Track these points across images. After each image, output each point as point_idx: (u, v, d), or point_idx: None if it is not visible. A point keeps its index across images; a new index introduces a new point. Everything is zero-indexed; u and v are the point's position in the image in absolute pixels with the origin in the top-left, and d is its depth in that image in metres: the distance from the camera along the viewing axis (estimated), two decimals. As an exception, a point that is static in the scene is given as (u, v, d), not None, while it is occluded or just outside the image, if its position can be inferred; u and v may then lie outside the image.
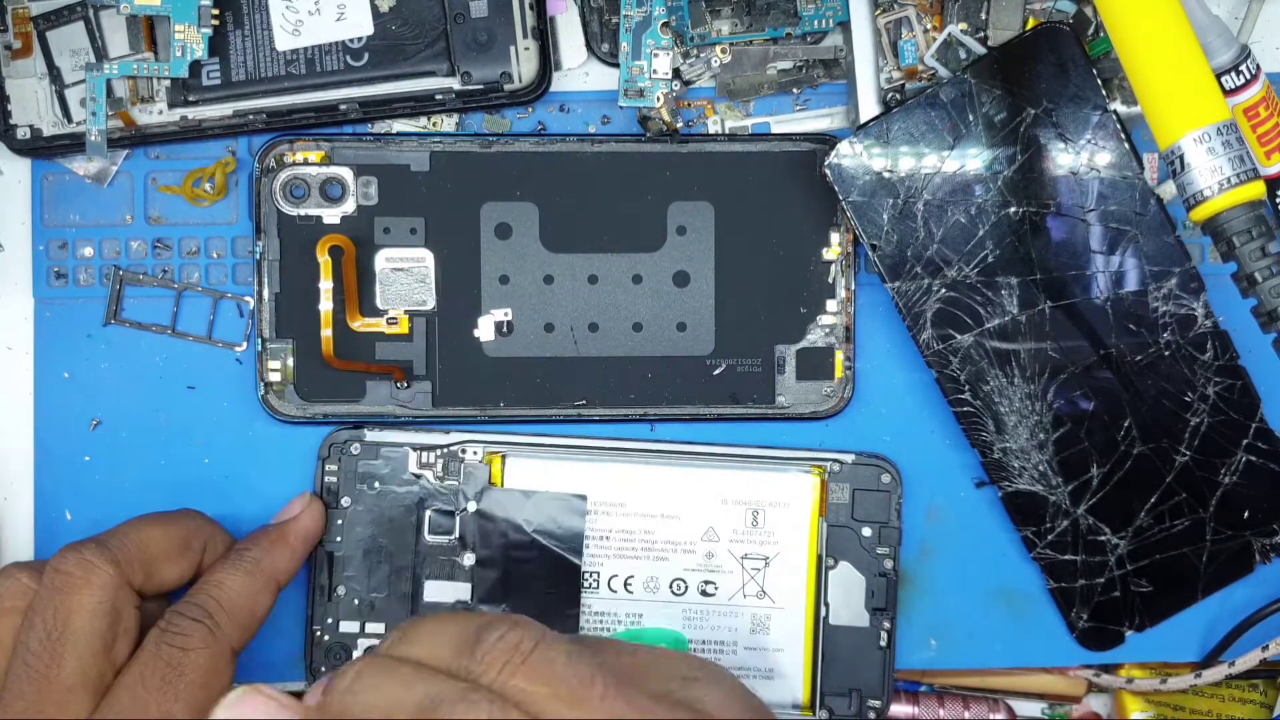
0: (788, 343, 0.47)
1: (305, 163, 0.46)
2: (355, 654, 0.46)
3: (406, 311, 0.46)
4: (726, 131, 0.47)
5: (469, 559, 0.46)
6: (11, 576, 0.41)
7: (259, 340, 0.46)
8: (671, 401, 0.47)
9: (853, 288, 0.47)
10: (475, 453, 0.46)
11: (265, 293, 0.46)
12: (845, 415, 0.47)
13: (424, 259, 0.46)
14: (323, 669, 0.46)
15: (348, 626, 0.46)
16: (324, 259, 0.45)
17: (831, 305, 0.47)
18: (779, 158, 0.47)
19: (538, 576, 0.46)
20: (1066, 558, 0.46)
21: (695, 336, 0.47)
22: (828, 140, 0.46)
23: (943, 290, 0.45)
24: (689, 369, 0.47)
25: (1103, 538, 0.46)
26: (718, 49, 0.46)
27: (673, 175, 0.46)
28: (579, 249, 0.47)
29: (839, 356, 0.47)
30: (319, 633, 0.46)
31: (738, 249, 0.47)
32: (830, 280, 0.47)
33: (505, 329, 0.46)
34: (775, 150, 0.47)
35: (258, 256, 0.46)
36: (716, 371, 0.47)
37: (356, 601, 0.46)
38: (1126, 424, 0.45)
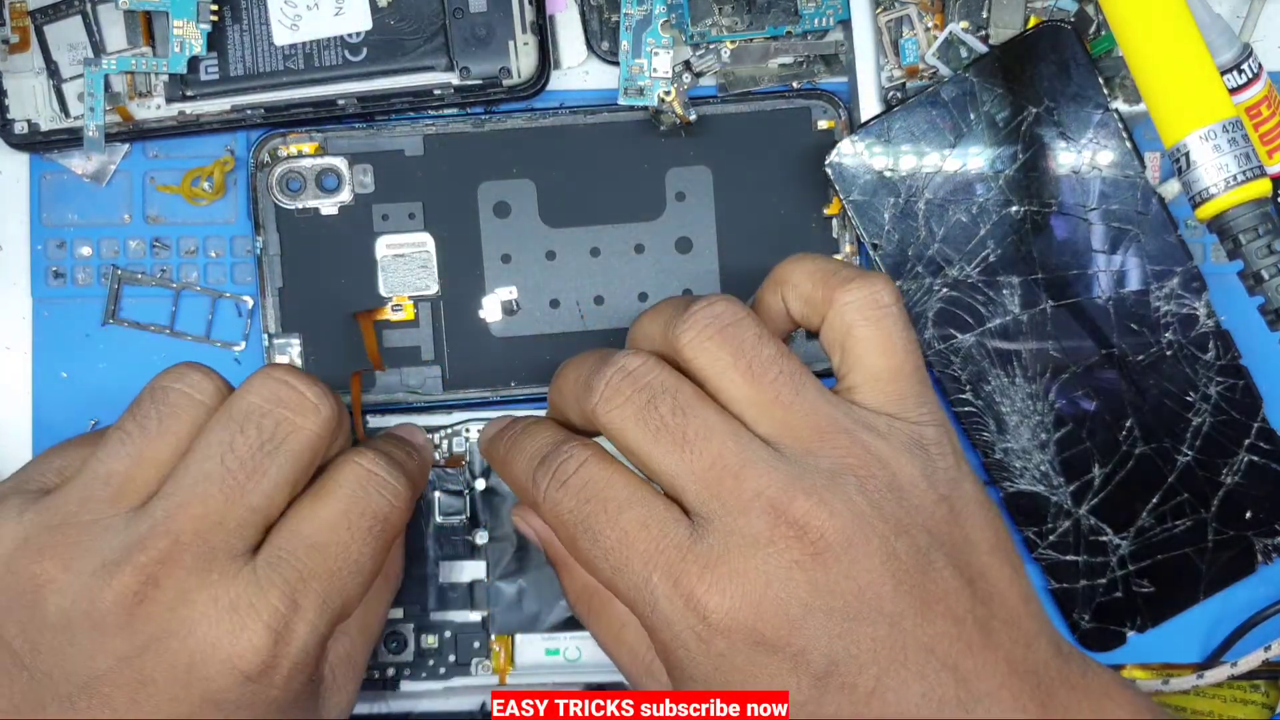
0: None
1: (299, 155, 0.46)
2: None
3: (411, 297, 0.46)
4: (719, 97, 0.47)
5: (481, 537, 0.46)
6: (205, 374, 0.38)
7: (264, 335, 0.46)
8: None
9: (856, 242, 0.46)
10: (479, 430, 0.46)
11: (269, 288, 0.46)
12: None
13: (424, 243, 0.46)
14: None
15: None
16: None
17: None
18: (773, 117, 0.47)
19: None
20: (1068, 558, 0.46)
21: None
22: (821, 95, 0.46)
23: (944, 290, 0.45)
24: None
25: (1104, 538, 0.45)
26: (725, 42, 0.46)
27: (668, 142, 0.46)
28: (579, 222, 0.46)
29: None
30: None
31: (738, 211, 0.47)
32: (834, 236, 0.47)
33: (513, 308, 0.46)
34: (769, 109, 0.47)
35: (258, 252, 0.46)
36: None
37: None
38: (1128, 424, 0.45)
